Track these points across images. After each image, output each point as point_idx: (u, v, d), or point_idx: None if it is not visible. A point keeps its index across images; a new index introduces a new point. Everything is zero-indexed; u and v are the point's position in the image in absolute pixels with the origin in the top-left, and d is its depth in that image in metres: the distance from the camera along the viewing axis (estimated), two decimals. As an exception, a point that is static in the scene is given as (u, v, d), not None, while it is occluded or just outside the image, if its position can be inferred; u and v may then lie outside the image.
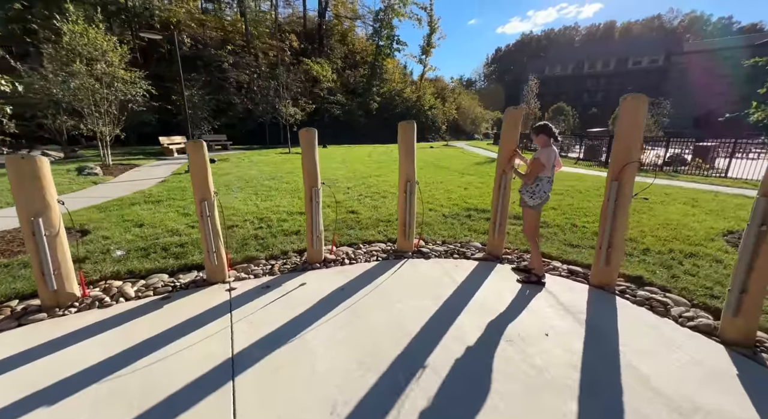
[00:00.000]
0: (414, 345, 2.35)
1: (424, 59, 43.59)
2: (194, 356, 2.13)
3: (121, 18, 24.07)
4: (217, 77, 25.67)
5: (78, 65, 8.83)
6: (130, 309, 2.65)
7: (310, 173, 3.34)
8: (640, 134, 2.88)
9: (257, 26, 32.83)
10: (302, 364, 2.11)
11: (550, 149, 3.12)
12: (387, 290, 3.10)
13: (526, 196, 3.19)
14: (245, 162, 12.76)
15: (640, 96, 2.81)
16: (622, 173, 2.94)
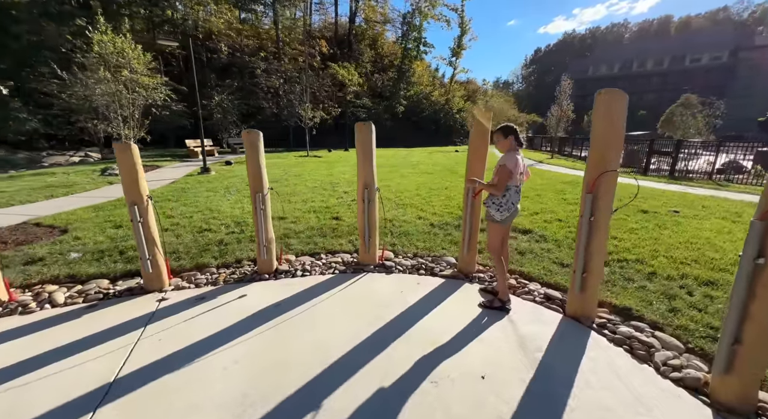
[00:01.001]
0: (322, 378, 2.05)
1: (454, 61, 42.79)
2: (74, 377, 1.99)
3: (164, 29, 25.85)
4: (248, 83, 26.77)
5: (103, 72, 9.46)
6: (49, 318, 2.59)
7: (254, 177, 3.15)
8: (619, 136, 2.38)
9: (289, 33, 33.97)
10: (184, 393, 1.89)
11: (516, 154, 2.69)
12: (325, 309, 2.82)
13: (493, 209, 2.76)
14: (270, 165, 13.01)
15: (616, 91, 2.32)
16: (597, 183, 2.45)
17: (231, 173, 10.65)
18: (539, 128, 43.71)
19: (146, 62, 10.65)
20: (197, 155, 15.68)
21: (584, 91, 57.27)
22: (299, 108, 17.52)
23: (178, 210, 5.74)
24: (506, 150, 2.75)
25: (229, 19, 32.15)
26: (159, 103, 11.17)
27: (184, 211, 5.68)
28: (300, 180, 9.42)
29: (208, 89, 23.82)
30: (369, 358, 2.23)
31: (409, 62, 36.05)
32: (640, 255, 3.98)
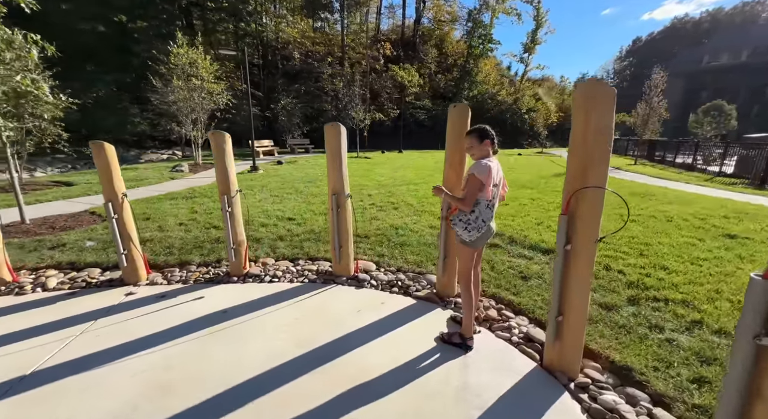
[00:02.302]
0: (213, 404, 1.89)
1: (525, 58, 39.77)
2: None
3: (246, 41, 28.78)
4: (312, 87, 28.36)
5: (176, 81, 10.81)
6: (33, 300, 2.90)
7: (221, 179, 3.16)
8: (604, 143, 1.77)
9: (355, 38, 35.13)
10: (76, 399, 1.90)
11: (490, 161, 2.21)
12: (266, 323, 2.67)
13: (459, 227, 2.27)
14: (306, 165, 13.59)
15: (598, 82, 1.72)
16: (574, 202, 1.87)
17: (275, 172, 11.28)
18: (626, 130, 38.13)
19: (213, 70, 11.88)
20: (259, 155, 17.07)
21: (696, 84, 48.10)
22: (351, 110, 17.94)
23: (205, 206, 6.18)
24: (478, 156, 2.27)
25: (303, 29, 34.58)
26: (222, 107, 12.31)
27: (209, 207, 6.10)
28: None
29: (276, 94, 25.83)
30: (274, 386, 2.01)
31: (474, 61, 34.46)
32: (690, 296, 3.06)
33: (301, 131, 24.02)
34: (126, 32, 24.61)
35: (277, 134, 24.14)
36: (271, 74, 29.38)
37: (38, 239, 4.21)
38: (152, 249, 3.92)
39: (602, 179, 1.81)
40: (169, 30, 23.93)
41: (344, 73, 25.52)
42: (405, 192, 7.86)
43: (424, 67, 36.19)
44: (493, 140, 2.26)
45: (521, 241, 4.51)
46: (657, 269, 3.69)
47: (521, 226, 5.21)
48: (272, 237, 4.48)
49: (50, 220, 5.07)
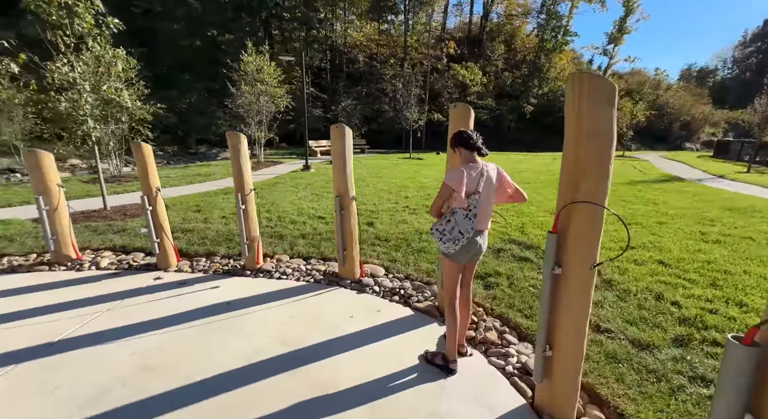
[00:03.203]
0: (177, 395, 2.01)
1: (610, 50, 35.51)
2: (40, 330, 2.55)
3: (314, 47, 30.61)
4: (374, 89, 28.98)
5: (244, 87, 11.95)
6: (86, 276, 3.42)
7: (236, 177, 3.36)
8: (601, 149, 1.44)
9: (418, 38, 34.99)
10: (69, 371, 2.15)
11: (469, 167, 2.00)
12: (261, 318, 2.76)
13: (435, 238, 2.11)
14: (356, 165, 13.92)
15: (592, 75, 1.41)
16: (564, 219, 1.58)
17: (325, 171, 11.76)
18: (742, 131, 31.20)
19: (277, 76, 12.86)
20: (317, 154, 18.00)
21: None
22: (406, 111, 17.87)
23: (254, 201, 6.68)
24: (461, 163, 2.07)
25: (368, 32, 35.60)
26: (282, 110, 13.25)
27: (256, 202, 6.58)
28: (378, 181, 9.60)
29: (337, 96, 26.96)
30: (240, 384, 2.06)
31: (546, 56, 31.81)
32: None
33: (359, 132, 24.73)
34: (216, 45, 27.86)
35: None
36: (336, 77, 30.78)
37: (109, 224, 4.98)
38: (189, 239, 4.36)
39: (597, 192, 1.48)
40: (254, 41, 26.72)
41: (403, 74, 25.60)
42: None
43: (490, 65, 34.54)
44: (469, 145, 2.01)
45: None
46: (730, 305, 2.97)
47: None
48: (296, 234, 4.65)
49: (125, 208, 5.96)
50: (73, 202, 6.69)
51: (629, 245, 2.40)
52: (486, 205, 2.06)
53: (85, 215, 5.54)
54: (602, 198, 1.50)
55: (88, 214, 5.57)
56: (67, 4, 4.70)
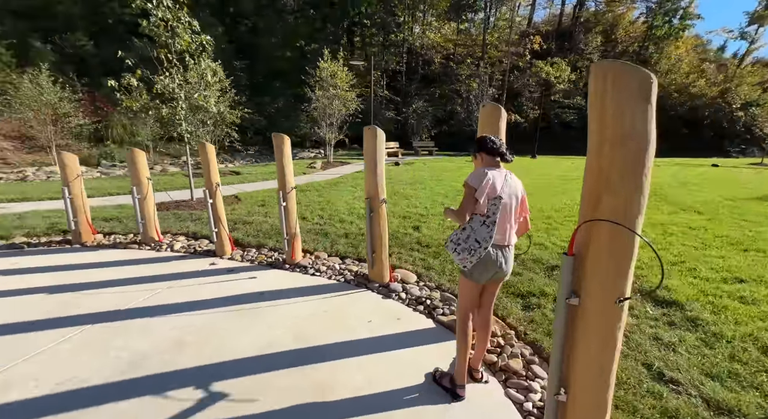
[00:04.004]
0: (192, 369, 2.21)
1: (752, 32, 28.89)
2: (116, 298, 3.06)
3: (390, 51, 31.30)
4: (447, 89, 28.41)
5: (318, 91, 12.80)
6: (161, 256, 4.01)
7: (279, 176, 3.57)
8: (631, 156, 1.13)
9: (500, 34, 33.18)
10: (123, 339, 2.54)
11: (493, 171, 1.81)
12: (285, 312, 2.89)
13: (450, 249, 1.91)
14: (420, 167, 13.76)
15: (623, 65, 1.11)
16: (582, 240, 1.30)
17: (387, 173, 11.90)
18: None
19: (348, 80, 13.49)
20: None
21: None
22: (477, 112, 17.02)
23: (312, 199, 7.12)
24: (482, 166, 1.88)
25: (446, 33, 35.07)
26: (351, 112, 13.83)
27: (313, 200, 6.99)
28: (437, 184, 9.35)
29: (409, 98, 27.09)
30: (248, 373, 2.17)
31: (655, 45, 27.21)
32: None
33: (429, 134, 24.48)
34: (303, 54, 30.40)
35: (408, 136, 25.40)
36: (410, 79, 31.00)
37: (190, 212, 5.79)
38: (247, 230, 4.80)
39: (626, 210, 1.17)
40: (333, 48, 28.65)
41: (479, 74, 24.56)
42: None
43: (582, 60, 31.03)
44: (490, 149, 1.81)
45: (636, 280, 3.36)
46: None
47: (638, 260, 3.88)
48: (340, 233, 4.77)
49: (207, 200, 6.85)
50: (173, 192, 7.97)
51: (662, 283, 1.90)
52: (508, 214, 1.83)
53: (176, 203, 6.54)
54: (632, 217, 1.18)
55: (179, 203, 6.56)
56: (172, 26, 5.60)
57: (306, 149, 24.27)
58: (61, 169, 4.33)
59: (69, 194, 4.28)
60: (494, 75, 27.48)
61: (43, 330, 2.60)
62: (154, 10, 5.36)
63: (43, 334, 2.54)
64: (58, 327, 2.64)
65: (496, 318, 2.78)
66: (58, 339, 2.49)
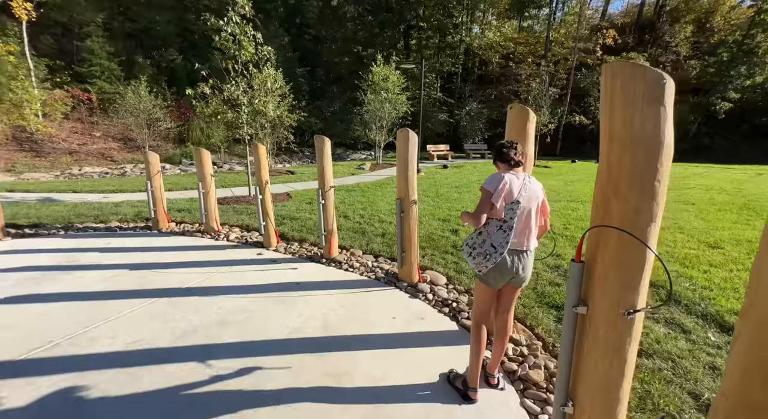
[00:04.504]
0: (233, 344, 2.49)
1: None
2: (177, 277, 3.53)
3: (446, 53, 30.93)
4: (504, 90, 27.20)
5: (369, 95, 13.19)
6: (218, 245, 4.51)
7: (319, 176, 3.81)
8: (649, 159, 1.08)
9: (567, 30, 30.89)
10: (178, 314, 2.94)
11: (510, 175, 1.81)
12: (316, 302, 3.09)
13: (465, 254, 1.92)
14: (470, 171, 13.41)
15: (634, 65, 1.06)
16: (592, 246, 1.26)
17: (433, 176, 11.81)
18: None
19: (400, 84, 13.68)
20: (433, 158, 18.24)
21: None
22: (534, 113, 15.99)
23: (355, 199, 7.40)
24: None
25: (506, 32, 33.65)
26: (401, 115, 14.00)
27: (357, 200, 7.26)
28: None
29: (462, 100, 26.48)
30: (275, 353, 2.39)
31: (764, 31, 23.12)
32: None
33: (483, 137, 23.70)
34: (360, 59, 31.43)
35: (460, 138, 24.87)
36: (465, 81, 30.33)
37: (246, 207, 6.39)
38: (292, 226, 5.18)
39: (636, 217, 1.11)
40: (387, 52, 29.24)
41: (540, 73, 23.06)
42: (559, 209, 6.57)
43: (666, 53, 27.60)
44: (503, 158, 1.84)
45: (693, 301, 3.02)
46: None
47: (709, 280, 3.43)
48: (377, 232, 4.92)
49: (263, 196, 7.50)
50: (235, 189, 8.82)
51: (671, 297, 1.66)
52: (526, 219, 1.80)
53: (236, 198, 7.26)
54: (642, 225, 1.11)
55: (239, 198, 7.27)
56: (239, 40, 6.26)
57: (358, 151, 25.09)
58: (145, 166, 5.09)
59: (151, 188, 5.02)
60: (557, 74, 25.62)
61: (123, 299, 3.11)
62: (225, 27, 6.05)
63: (122, 302, 3.05)
64: (134, 297, 3.14)
65: (523, 326, 2.68)
66: (133, 307, 2.97)
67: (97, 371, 2.19)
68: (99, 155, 17.71)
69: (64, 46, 20.87)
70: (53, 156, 16.06)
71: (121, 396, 1.99)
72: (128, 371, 2.19)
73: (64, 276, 3.54)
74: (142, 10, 24.87)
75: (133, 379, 2.12)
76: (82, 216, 5.75)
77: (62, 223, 5.43)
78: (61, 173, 14.57)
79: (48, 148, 16.23)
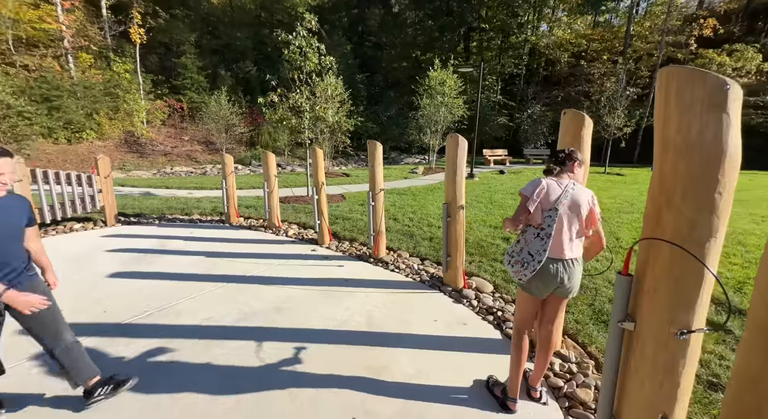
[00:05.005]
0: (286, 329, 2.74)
1: None
2: (242, 266, 3.95)
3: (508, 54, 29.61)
4: (573, 91, 25.21)
5: (425, 100, 13.24)
6: (278, 239, 4.93)
7: (371, 178, 3.97)
8: (707, 169, 1.01)
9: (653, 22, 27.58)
10: (242, 297, 3.29)
11: (550, 181, 1.79)
12: (361, 299, 3.25)
13: (505, 261, 1.92)
14: (531, 177, 12.68)
15: (692, 71, 1.00)
16: (642, 259, 1.21)
17: (488, 181, 11.41)
18: None
19: (456, 87, 13.52)
20: (490, 163, 17.60)
21: None
22: (607, 116, 14.49)
23: (406, 202, 7.51)
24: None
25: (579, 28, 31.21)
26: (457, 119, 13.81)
27: (407, 203, 7.36)
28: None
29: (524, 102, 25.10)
30: (321, 341, 2.58)
31: None
32: None
33: (545, 141, 22.23)
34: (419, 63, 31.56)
35: (521, 143, 23.64)
36: (529, 82, 28.77)
37: (305, 206, 6.87)
38: (344, 225, 5.44)
39: (691, 231, 1.04)
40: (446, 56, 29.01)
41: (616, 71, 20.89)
42: (630, 222, 5.97)
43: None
44: (563, 163, 1.82)
45: None
46: None
47: None
48: (425, 236, 4.96)
49: (320, 197, 7.98)
50: (296, 189, 9.50)
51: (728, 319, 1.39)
52: (567, 227, 1.74)
53: (296, 198, 7.83)
54: (699, 240, 1.04)
55: (299, 198, 7.83)
56: (305, 52, 6.78)
57: (412, 155, 25.22)
58: (222, 166, 5.77)
59: (225, 186, 5.68)
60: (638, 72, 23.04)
61: (200, 281, 3.59)
62: (294, 40, 6.60)
63: (199, 284, 3.51)
64: (208, 281, 3.60)
65: (573, 343, 2.54)
66: (208, 288, 3.41)
67: (179, 339, 2.59)
68: (186, 156, 20.30)
69: (164, 63, 24.32)
70: (152, 157, 18.80)
71: (195, 363, 2.33)
72: (201, 342, 2.55)
73: (157, 258, 4.19)
74: (226, 28, 27.98)
75: (205, 349, 2.47)
76: (172, 209, 6.69)
77: (157, 214, 6.38)
78: (157, 171, 17.02)
79: (149, 150, 19.05)
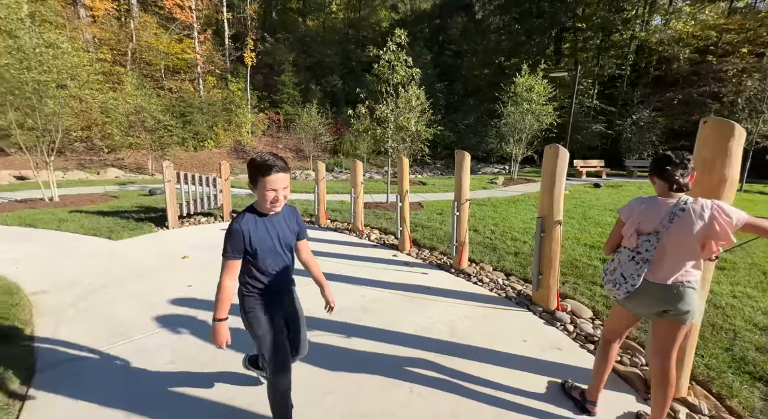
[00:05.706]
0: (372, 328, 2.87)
1: None
2: (329, 264, 4.25)
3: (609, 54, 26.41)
4: (695, 93, 21.30)
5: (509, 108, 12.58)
6: (361, 243, 5.22)
7: (457, 188, 3.94)
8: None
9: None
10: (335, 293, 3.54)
11: (653, 200, 1.61)
12: (444, 309, 3.24)
13: (602, 276, 1.83)
14: (635, 192, 11.08)
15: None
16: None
17: (580, 195, 10.28)
18: None
19: (546, 93, 12.57)
20: (581, 175, 15.87)
21: None
22: (745, 120, 11.75)
23: (486, 214, 7.24)
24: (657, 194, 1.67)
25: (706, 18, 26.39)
26: (545, 127, 12.83)
27: (487, 214, 7.08)
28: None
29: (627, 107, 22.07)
30: (404, 344, 2.65)
31: None
32: None
33: (654, 151, 19.17)
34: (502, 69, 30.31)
35: (621, 153, 20.82)
36: (634, 84, 25.29)
37: (384, 212, 7.13)
38: (424, 233, 5.48)
39: None
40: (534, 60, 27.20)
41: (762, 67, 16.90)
42: None
43: None
44: (663, 175, 1.57)
45: None
46: None
47: None
48: (509, 250, 4.71)
49: (398, 204, 8.19)
50: (375, 195, 9.90)
51: None
52: (671, 252, 1.55)
53: (375, 204, 8.17)
54: None
55: (377, 204, 8.16)
56: (393, 65, 7.10)
57: (490, 165, 24.16)
58: (315, 172, 6.35)
59: (317, 190, 6.23)
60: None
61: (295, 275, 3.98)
62: (384, 55, 6.97)
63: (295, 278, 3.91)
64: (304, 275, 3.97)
65: (705, 392, 2.14)
66: (302, 284, 3.77)
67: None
68: (279, 162, 22.78)
69: (268, 81, 27.80)
70: (253, 163, 21.59)
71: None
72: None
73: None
74: (318, 47, 30.80)
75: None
76: (269, 209, 7.58)
77: (258, 212, 7.31)
78: (256, 175, 19.43)
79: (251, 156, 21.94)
